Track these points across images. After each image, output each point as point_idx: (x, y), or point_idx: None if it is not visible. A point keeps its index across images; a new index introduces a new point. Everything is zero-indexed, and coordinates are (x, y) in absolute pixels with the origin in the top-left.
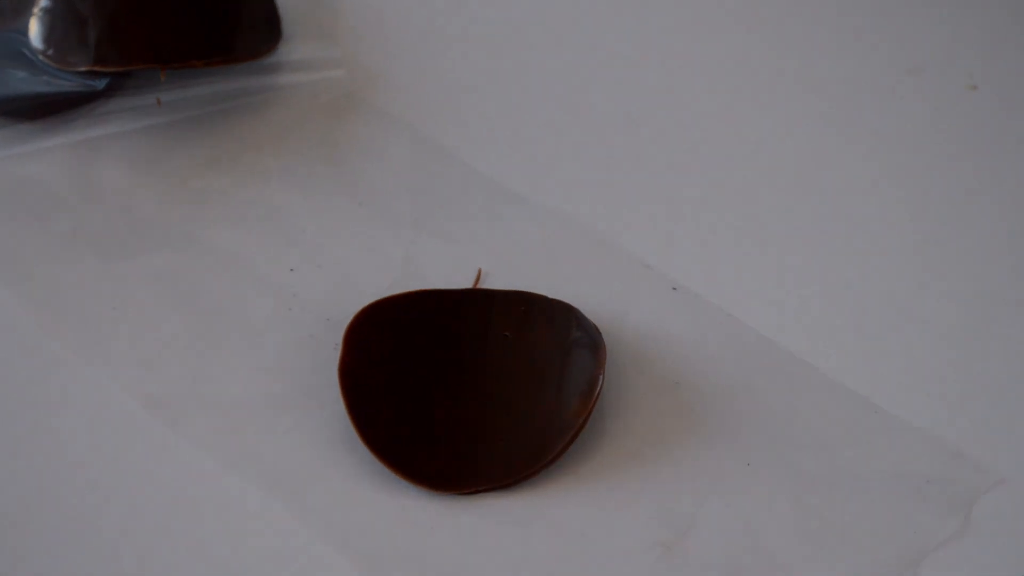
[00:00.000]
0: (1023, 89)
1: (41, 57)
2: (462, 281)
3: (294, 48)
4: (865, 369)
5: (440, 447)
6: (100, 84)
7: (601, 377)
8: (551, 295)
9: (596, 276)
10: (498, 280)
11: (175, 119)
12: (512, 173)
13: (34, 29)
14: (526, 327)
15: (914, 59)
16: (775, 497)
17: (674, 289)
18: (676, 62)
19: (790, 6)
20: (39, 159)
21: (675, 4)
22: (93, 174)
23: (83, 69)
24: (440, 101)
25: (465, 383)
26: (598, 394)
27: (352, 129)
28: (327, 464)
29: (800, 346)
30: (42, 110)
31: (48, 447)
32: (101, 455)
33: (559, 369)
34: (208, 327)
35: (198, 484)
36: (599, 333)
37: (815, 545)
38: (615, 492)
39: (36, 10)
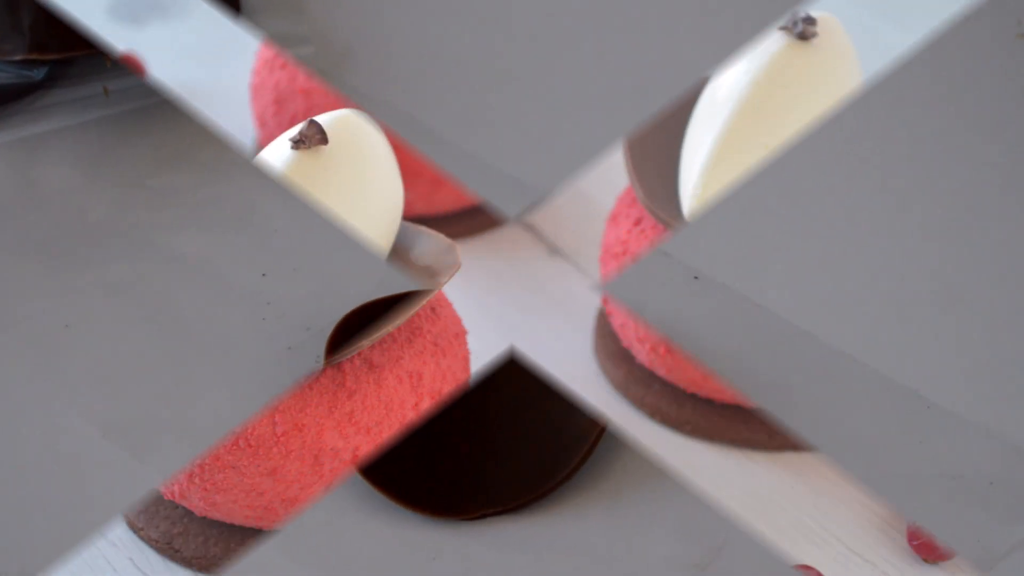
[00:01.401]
0: None
1: None
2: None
3: (256, 24)
4: (915, 360)
5: (440, 468)
6: (38, 74)
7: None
8: None
9: None
10: None
11: (126, 110)
12: (506, 154)
13: None
14: None
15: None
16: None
17: (695, 278)
18: (688, 23)
19: None
20: None
21: None
22: (35, 175)
23: (18, 58)
24: (421, 78)
25: (465, 394)
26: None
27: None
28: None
29: (840, 337)
30: None
31: None
32: (57, 490)
33: None
34: (173, 343)
35: None
36: None
37: None
38: (638, 509)
39: None
